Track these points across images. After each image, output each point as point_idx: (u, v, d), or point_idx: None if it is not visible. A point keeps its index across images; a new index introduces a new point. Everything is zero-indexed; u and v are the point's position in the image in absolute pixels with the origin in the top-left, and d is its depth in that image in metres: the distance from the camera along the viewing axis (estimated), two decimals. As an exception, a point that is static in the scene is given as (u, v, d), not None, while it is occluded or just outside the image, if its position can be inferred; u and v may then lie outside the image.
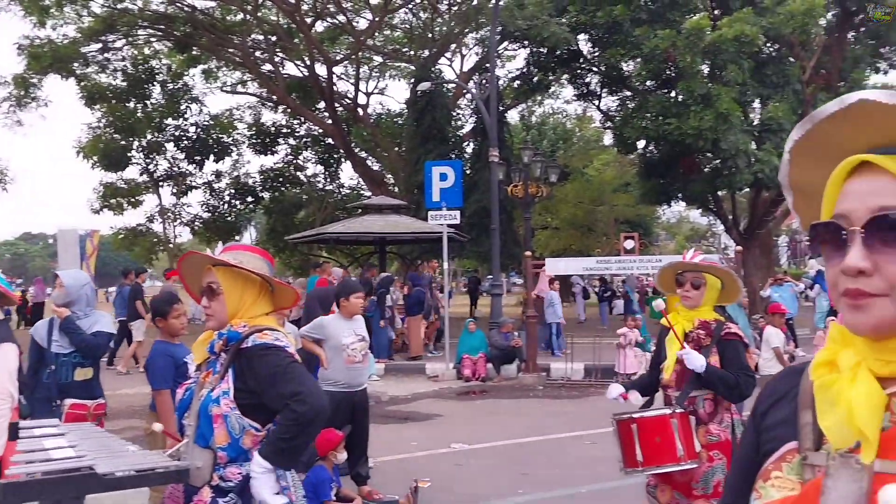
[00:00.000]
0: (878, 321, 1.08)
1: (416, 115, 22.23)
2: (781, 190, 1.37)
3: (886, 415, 1.08)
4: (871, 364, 1.10)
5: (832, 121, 1.16)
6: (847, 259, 1.10)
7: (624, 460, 4.12)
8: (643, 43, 16.39)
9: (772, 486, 1.16)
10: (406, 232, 16.39)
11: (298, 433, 2.62)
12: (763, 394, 1.34)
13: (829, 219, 1.15)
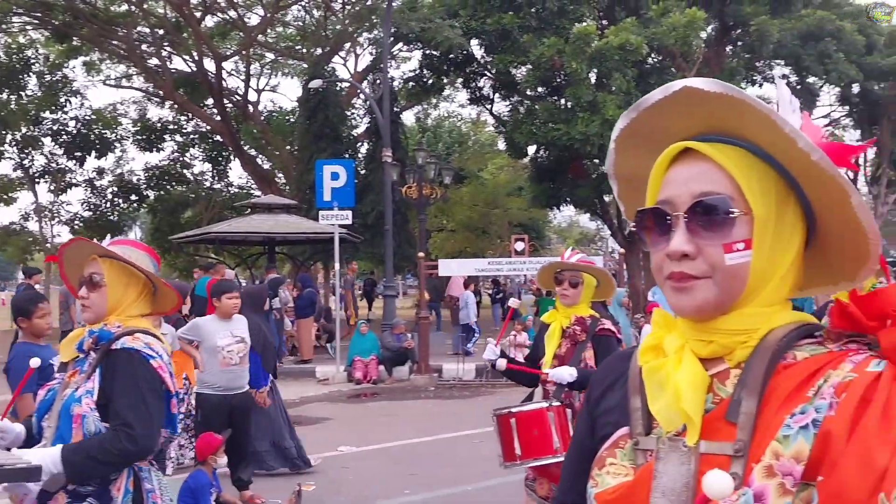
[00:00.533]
0: (701, 303, 1.11)
1: (307, 114, 21.92)
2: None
3: (709, 396, 1.10)
4: (694, 346, 1.13)
5: (657, 109, 1.17)
6: (671, 243, 1.12)
7: (503, 454, 4.16)
8: (531, 50, 16.72)
9: (607, 473, 1.16)
10: (296, 232, 16.09)
11: (111, 463, 2.52)
12: (595, 380, 1.35)
13: (653, 205, 1.17)
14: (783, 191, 1.12)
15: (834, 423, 0.97)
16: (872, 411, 0.96)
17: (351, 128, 25.07)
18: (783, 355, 1.07)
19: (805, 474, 0.98)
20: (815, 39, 20.66)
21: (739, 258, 1.09)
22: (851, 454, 0.94)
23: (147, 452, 2.59)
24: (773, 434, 1.01)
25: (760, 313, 1.11)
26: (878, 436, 0.94)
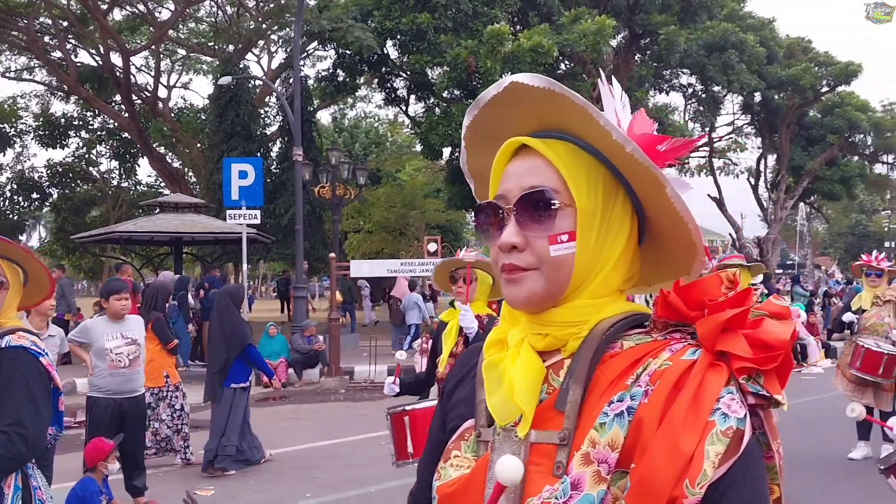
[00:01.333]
0: (529, 294, 1.12)
1: (219, 111, 21.47)
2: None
3: (545, 387, 1.11)
4: (531, 339, 1.14)
5: (494, 106, 1.19)
6: (502, 236, 1.13)
7: (396, 453, 4.16)
8: (447, 51, 16.81)
9: (450, 466, 1.17)
10: (204, 232, 15.72)
11: (7, 469, 2.47)
12: (451, 374, 1.36)
13: (490, 200, 1.19)
14: (612, 185, 1.14)
15: (646, 410, 0.99)
16: (682, 398, 0.97)
17: (264, 126, 24.68)
18: (610, 344, 1.09)
19: (620, 462, 0.99)
20: (720, 50, 21.46)
21: (563, 250, 1.11)
22: (660, 441, 0.96)
23: (39, 452, 2.56)
24: (592, 422, 1.02)
25: (590, 305, 1.12)
26: (686, 423, 0.96)
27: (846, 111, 25.70)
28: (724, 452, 0.95)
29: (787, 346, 0.99)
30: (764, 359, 0.99)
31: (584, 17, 17.89)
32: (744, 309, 1.02)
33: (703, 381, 0.99)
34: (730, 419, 0.96)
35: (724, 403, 0.97)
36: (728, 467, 0.95)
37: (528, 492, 1.03)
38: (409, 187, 30.30)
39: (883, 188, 35.33)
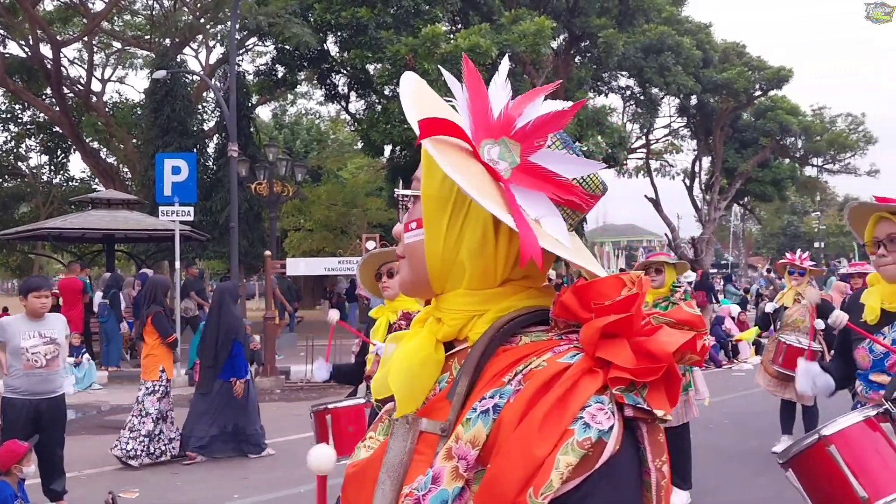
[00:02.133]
0: (400, 281, 1.17)
1: (154, 106, 20.97)
2: None
3: (446, 375, 1.09)
4: (433, 328, 1.12)
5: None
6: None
7: (318, 452, 4.10)
8: (387, 46, 16.74)
9: (363, 447, 1.15)
10: (137, 229, 15.34)
11: None
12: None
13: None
14: None
15: (509, 410, 0.95)
16: (545, 401, 0.93)
17: (201, 122, 24.21)
18: (510, 339, 1.06)
19: (480, 459, 0.96)
20: (657, 52, 21.87)
21: (413, 237, 1.12)
22: (513, 443, 0.92)
23: None
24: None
25: (474, 295, 1.10)
26: (544, 427, 0.91)
27: (778, 115, 26.47)
28: (576, 465, 0.89)
29: (670, 359, 0.94)
30: (643, 370, 0.93)
31: (524, 18, 18.00)
32: (625, 315, 0.97)
33: (574, 386, 0.93)
34: (590, 430, 0.90)
35: (589, 412, 0.91)
36: (580, 482, 0.90)
37: (408, 479, 1.01)
38: (351, 185, 30.08)
39: (813, 190, 36.48)
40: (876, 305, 2.84)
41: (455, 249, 1.09)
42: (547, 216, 1.05)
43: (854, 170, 29.00)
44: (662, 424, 0.96)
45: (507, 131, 1.07)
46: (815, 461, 2.51)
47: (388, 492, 1.01)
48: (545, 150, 1.07)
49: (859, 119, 29.19)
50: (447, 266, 1.10)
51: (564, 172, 1.05)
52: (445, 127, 1.05)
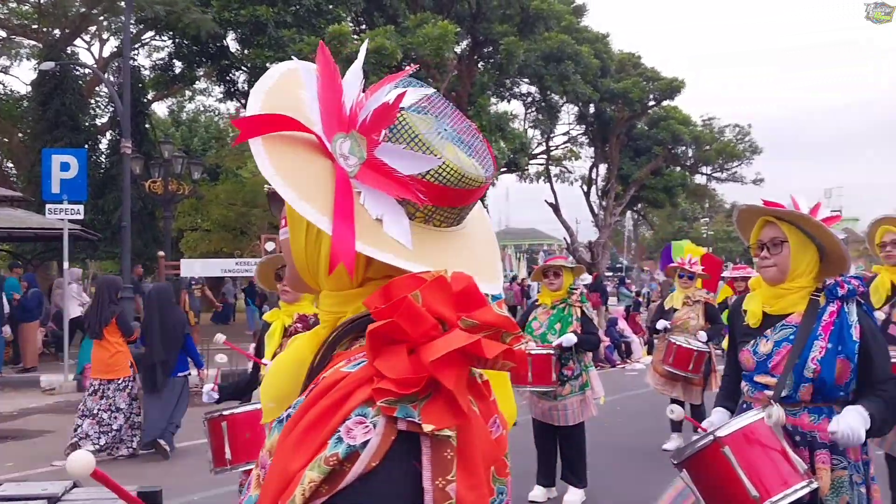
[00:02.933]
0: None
1: (41, 99, 19.95)
2: None
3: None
4: (318, 328, 1.11)
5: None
6: None
7: (213, 460, 4.00)
8: (289, 45, 16.48)
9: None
10: (22, 227, 14.54)
11: None
12: None
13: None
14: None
15: (291, 419, 0.90)
16: (312, 413, 0.87)
17: (93, 117, 23.18)
18: (351, 343, 1.01)
19: None
20: (556, 61, 22.37)
21: (283, 234, 1.15)
22: (278, 454, 0.89)
23: None
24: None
25: (335, 296, 1.06)
26: (303, 440, 0.86)
27: (670, 124, 27.53)
28: (318, 482, 0.82)
29: (431, 370, 0.83)
30: (404, 381, 0.83)
31: (428, 22, 18.09)
32: (388, 322, 0.86)
33: (346, 396, 0.86)
34: (341, 445, 0.82)
35: (347, 427, 0.84)
36: (327, 498, 0.82)
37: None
38: (252, 185, 29.41)
39: (702, 197, 38.08)
40: (757, 309, 2.98)
41: (316, 248, 1.05)
42: (388, 215, 0.98)
43: (741, 178, 30.43)
44: (449, 439, 0.86)
45: (354, 125, 1.02)
46: (710, 462, 2.61)
47: None
48: (387, 145, 0.99)
49: (746, 130, 30.69)
50: (312, 265, 1.07)
51: (401, 168, 0.98)
52: (279, 122, 0.98)
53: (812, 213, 2.90)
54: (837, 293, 2.83)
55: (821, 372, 2.76)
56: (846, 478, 2.78)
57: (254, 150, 0.97)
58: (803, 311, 2.88)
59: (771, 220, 2.94)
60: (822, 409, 2.83)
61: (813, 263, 2.91)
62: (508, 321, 0.89)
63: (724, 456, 2.56)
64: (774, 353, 2.89)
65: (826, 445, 2.78)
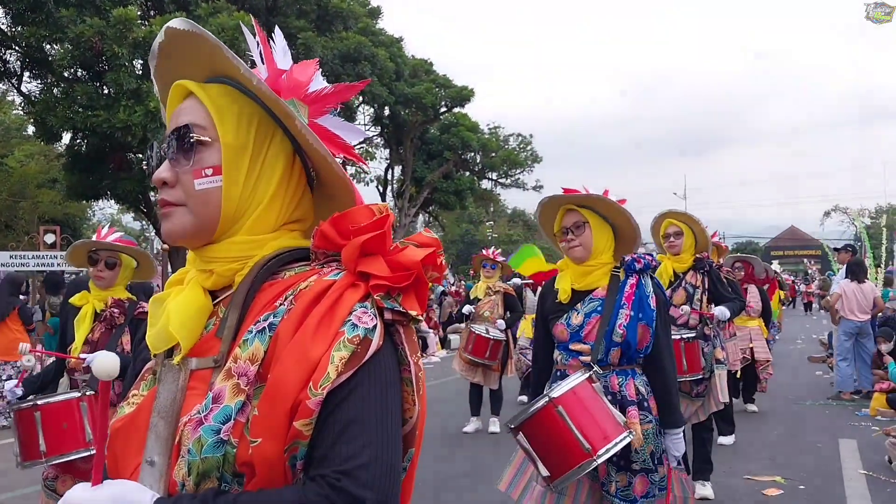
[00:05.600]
0: (178, 228, 1.19)
1: None
2: None
3: (213, 320, 1.17)
4: (199, 278, 1.19)
5: (164, 56, 1.25)
6: (155, 173, 1.19)
7: (22, 453, 3.76)
8: (69, 26, 15.29)
9: (126, 405, 1.19)
10: None
11: None
12: (147, 322, 1.36)
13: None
14: (267, 127, 1.22)
15: (284, 324, 1.08)
16: (317, 311, 1.07)
17: None
18: (273, 275, 1.17)
19: (260, 375, 1.07)
20: (354, 62, 22.55)
21: (208, 184, 1.18)
22: (291, 349, 1.05)
23: None
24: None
25: (250, 241, 1.19)
26: (317, 332, 1.05)
27: (460, 131, 28.66)
28: (349, 358, 1.04)
29: (418, 267, 1.11)
30: (398, 277, 1.10)
31: (222, 11, 17.54)
32: (380, 232, 1.12)
33: (340, 297, 1.08)
34: (358, 329, 1.06)
35: (356, 316, 1.07)
36: (353, 372, 1.05)
37: (184, 412, 1.10)
38: (19, 175, 26.85)
39: (488, 201, 39.94)
40: (567, 287, 3.36)
41: (252, 194, 1.19)
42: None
43: (523, 184, 32.32)
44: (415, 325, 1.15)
45: (296, 93, 1.23)
46: (545, 421, 2.89)
47: (162, 430, 1.09)
48: (329, 116, 1.28)
49: (528, 139, 32.66)
50: (241, 211, 1.19)
51: (345, 136, 1.27)
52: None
53: (603, 196, 3.32)
54: (635, 267, 3.26)
55: (626, 336, 3.17)
56: (651, 430, 3.21)
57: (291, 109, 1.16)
58: (607, 285, 3.29)
59: (571, 207, 3.33)
60: (627, 371, 3.25)
61: (610, 242, 3.33)
62: (437, 241, 1.18)
63: (558, 415, 2.86)
64: (585, 324, 3.27)
65: (634, 402, 3.19)
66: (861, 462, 6.95)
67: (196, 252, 1.22)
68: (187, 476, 1.05)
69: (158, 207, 1.21)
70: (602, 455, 2.84)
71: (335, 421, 1.04)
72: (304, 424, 1.03)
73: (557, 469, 2.88)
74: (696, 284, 5.61)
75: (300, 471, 1.06)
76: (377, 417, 1.06)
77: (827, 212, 55.32)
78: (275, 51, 1.26)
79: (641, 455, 3.16)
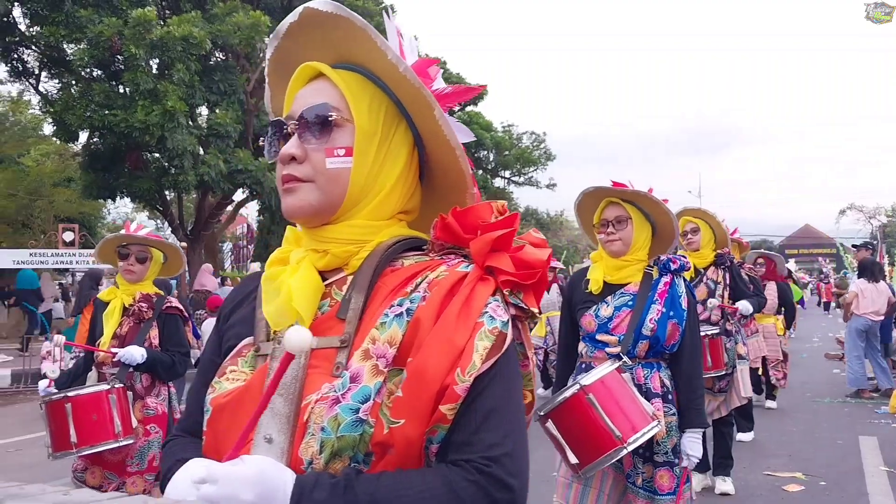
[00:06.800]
0: (304, 204, 1.20)
1: None
2: (225, 193, 1.47)
3: (326, 301, 1.19)
4: (312, 258, 1.21)
5: (293, 36, 1.27)
6: (283, 147, 1.21)
7: (53, 444, 3.83)
8: (87, 26, 15.39)
9: (226, 380, 1.19)
10: None
11: None
12: (227, 299, 1.38)
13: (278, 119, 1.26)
14: (393, 115, 1.26)
15: (423, 311, 1.11)
16: (456, 301, 1.12)
17: None
18: (391, 262, 1.21)
19: (397, 358, 1.10)
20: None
21: (340, 163, 1.20)
22: (435, 336, 1.09)
23: None
24: (373, 325, 1.12)
25: (369, 226, 1.22)
26: (459, 321, 1.09)
27: (473, 129, 28.65)
28: (490, 348, 1.09)
29: (544, 266, 1.17)
30: (525, 275, 1.16)
31: (238, 10, 17.61)
32: (511, 230, 1.18)
33: (474, 289, 1.13)
34: (496, 321, 1.11)
35: (491, 308, 1.12)
36: (493, 362, 1.09)
37: (307, 391, 1.10)
38: (35, 174, 27.06)
39: (501, 200, 39.96)
40: (599, 278, 3.39)
41: (375, 180, 1.23)
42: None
43: (536, 182, 32.29)
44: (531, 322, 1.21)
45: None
46: (575, 409, 2.91)
47: (280, 407, 1.10)
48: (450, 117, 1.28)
49: (541, 137, 32.61)
50: (363, 195, 1.22)
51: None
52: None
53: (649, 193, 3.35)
54: (670, 267, 3.29)
55: (656, 331, 3.19)
56: (675, 423, 3.23)
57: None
58: (639, 281, 3.31)
59: (615, 201, 3.35)
60: (652, 364, 3.28)
61: (648, 240, 3.38)
62: (545, 241, 1.23)
63: (588, 402, 2.88)
64: (614, 317, 3.30)
65: (658, 395, 3.21)
66: (882, 458, 6.93)
67: (310, 231, 1.24)
68: (318, 454, 1.06)
69: (282, 184, 1.22)
70: (632, 443, 2.86)
71: (477, 408, 1.09)
72: (450, 409, 1.06)
73: (587, 456, 2.90)
74: (718, 280, 5.61)
75: (433, 454, 1.10)
76: (514, 407, 1.13)
77: (842, 210, 55.08)
78: (401, 39, 1.29)
79: (663, 447, 3.19)
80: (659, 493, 3.18)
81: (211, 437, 1.17)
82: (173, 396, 4.18)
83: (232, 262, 51.93)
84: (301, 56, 1.28)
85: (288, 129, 1.23)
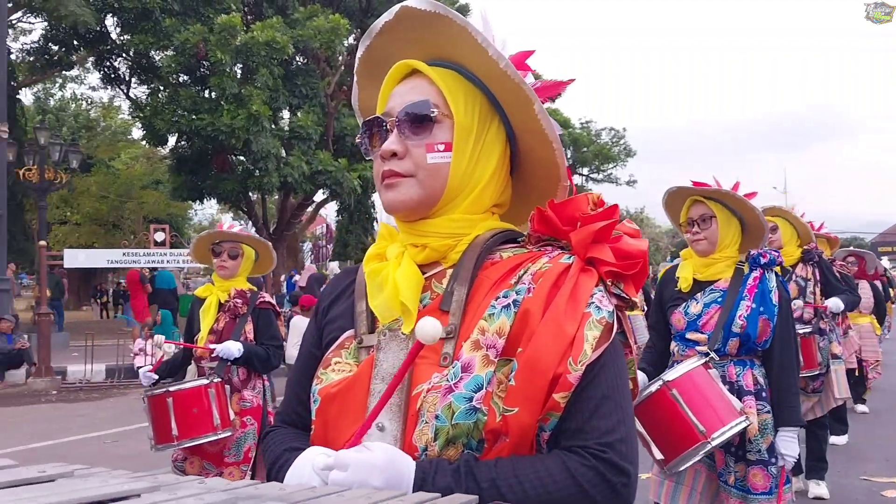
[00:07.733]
0: (405, 198, 1.23)
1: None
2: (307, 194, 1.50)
3: (427, 294, 1.22)
4: (411, 253, 1.24)
5: (387, 35, 1.29)
6: (384, 144, 1.24)
7: (156, 436, 3.97)
8: (174, 34, 15.96)
9: (332, 371, 1.23)
10: None
11: None
12: (324, 294, 1.42)
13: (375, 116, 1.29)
14: (488, 111, 1.28)
15: (531, 302, 1.13)
16: (563, 292, 1.14)
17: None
18: (490, 254, 1.23)
19: (506, 349, 1.12)
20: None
21: (440, 158, 1.23)
22: (545, 327, 1.11)
23: None
24: (480, 315, 1.15)
25: (466, 220, 1.25)
26: (567, 312, 1.12)
27: (551, 126, 28.46)
28: (599, 337, 1.11)
29: (644, 256, 1.19)
30: (627, 265, 1.18)
31: (318, 14, 17.96)
32: (612, 221, 1.19)
33: (578, 280, 1.15)
34: (602, 311, 1.13)
35: (597, 298, 1.14)
36: (602, 351, 1.12)
37: (417, 381, 1.13)
38: (125, 177, 28.21)
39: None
40: (689, 276, 3.34)
41: (472, 173, 1.25)
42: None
43: (615, 179, 31.87)
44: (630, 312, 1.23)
45: None
46: (659, 404, 2.88)
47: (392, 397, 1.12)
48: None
49: (621, 133, 32.15)
50: (461, 189, 1.24)
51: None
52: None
53: (733, 191, 3.27)
54: (760, 262, 3.21)
55: (746, 327, 3.12)
56: (769, 420, 3.15)
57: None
58: (729, 277, 3.24)
59: (699, 199, 3.29)
60: (745, 361, 3.20)
61: (737, 236, 3.30)
62: (639, 231, 1.24)
63: (672, 398, 2.84)
64: (704, 314, 3.24)
65: (751, 392, 3.14)
66: None
67: (409, 226, 1.27)
68: (432, 441, 1.09)
69: (382, 179, 1.25)
70: (717, 438, 2.80)
71: (589, 396, 1.11)
72: (563, 397, 1.09)
73: (672, 452, 2.86)
74: (808, 277, 5.43)
75: (545, 441, 1.12)
76: (623, 394, 1.15)
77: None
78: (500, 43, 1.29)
79: (756, 445, 3.11)
80: (752, 493, 3.11)
81: (320, 425, 1.21)
82: (267, 389, 4.29)
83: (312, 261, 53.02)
84: (392, 54, 1.30)
85: (386, 126, 1.25)
